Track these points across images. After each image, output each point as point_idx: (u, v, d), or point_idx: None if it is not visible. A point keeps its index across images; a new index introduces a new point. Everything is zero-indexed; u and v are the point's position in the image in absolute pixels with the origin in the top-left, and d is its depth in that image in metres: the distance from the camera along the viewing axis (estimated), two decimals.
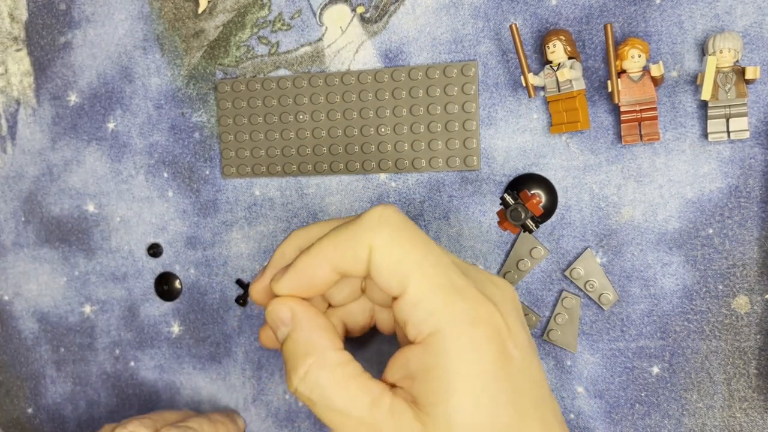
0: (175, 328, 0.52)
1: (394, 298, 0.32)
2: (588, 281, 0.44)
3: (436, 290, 0.31)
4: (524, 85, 0.42)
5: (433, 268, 0.32)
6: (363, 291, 0.38)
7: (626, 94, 0.41)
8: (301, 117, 0.48)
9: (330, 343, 0.33)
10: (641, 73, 0.41)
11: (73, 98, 0.53)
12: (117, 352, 0.54)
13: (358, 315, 0.39)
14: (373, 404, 0.31)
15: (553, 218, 0.44)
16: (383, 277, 0.32)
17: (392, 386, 0.33)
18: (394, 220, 0.32)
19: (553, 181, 0.44)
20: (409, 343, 0.32)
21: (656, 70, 0.40)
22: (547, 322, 0.45)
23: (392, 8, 0.46)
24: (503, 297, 0.34)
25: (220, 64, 0.50)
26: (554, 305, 0.45)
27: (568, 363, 0.45)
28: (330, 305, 0.38)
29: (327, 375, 0.32)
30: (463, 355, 0.30)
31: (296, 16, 0.48)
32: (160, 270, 0.52)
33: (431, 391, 0.30)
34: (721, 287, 0.42)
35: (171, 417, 0.46)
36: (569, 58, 0.42)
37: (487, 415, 0.30)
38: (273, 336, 0.37)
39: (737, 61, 0.40)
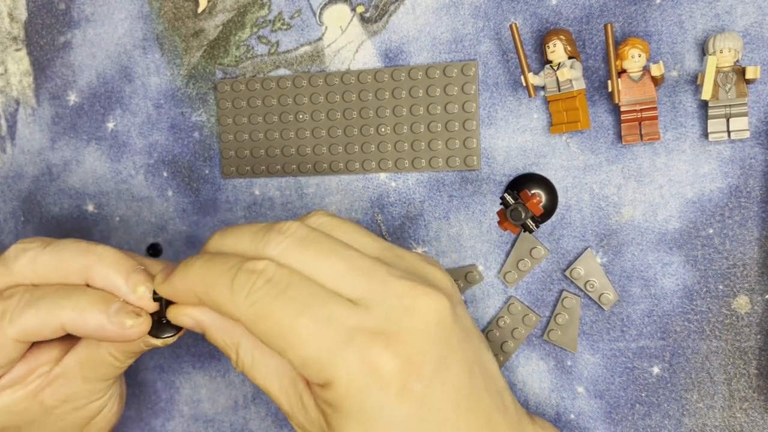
0: None
1: None
2: (588, 281, 0.44)
3: (317, 351, 0.30)
4: (524, 84, 0.42)
5: (311, 329, 0.31)
6: None
7: (626, 93, 0.41)
8: (300, 116, 0.48)
9: (242, 329, 0.35)
10: (641, 72, 0.41)
11: (72, 98, 0.53)
12: None
13: None
14: (290, 386, 0.34)
15: (554, 218, 0.44)
16: (264, 342, 0.32)
17: None
18: (264, 289, 0.31)
19: (553, 181, 0.44)
20: None
21: (656, 70, 0.40)
22: (548, 322, 0.45)
23: (392, 8, 0.46)
24: (414, 319, 0.32)
25: (219, 64, 0.50)
26: (554, 305, 0.45)
27: (569, 363, 0.45)
28: None
29: (248, 361, 0.35)
30: (356, 400, 0.30)
31: (296, 15, 0.48)
32: None
33: (332, 413, 0.32)
34: (721, 287, 0.42)
35: (68, 263, 0.38)
36: (569, 57, 0.41)
37: None
38: None
39: (737, 60, 0.40)
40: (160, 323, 0.38)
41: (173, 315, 0.36)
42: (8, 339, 0.37)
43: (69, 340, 0.41)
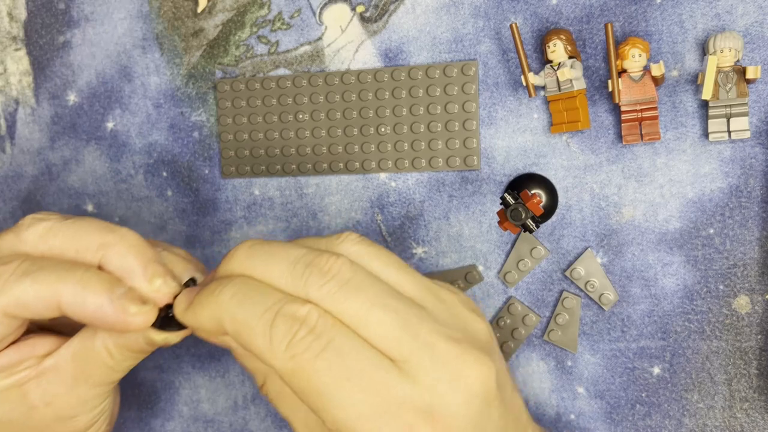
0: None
1: None
2: (588, 281, 0.44)
3: (354, 422, 0.29)
4: (524, 84, 0.42)
5: (352, 396, 0.29)
6: None
7: (627, 93, 0.41)
8: (300, 116, 0.48)
9: None
10: (642, 72, 0.41)
11: (72, 98, 0.53)
12: None
13: None
14: (316, 427, 0.33)
15: (554, 218, 0.44)
16: (296, 394, 0.30)
17: None
18: (306, 342, 0.29)
19: (553, 181, 0.44)
20: None
21: (657, 70, 0.40)
22: (548, 322, 0.45)
23: (392, 7, 0.46)
24: (459, 393, 0.30)
25: (219, 64, 0.50)
26: (555, 305, 0.45)
27: (569, 363, 0.45)
28: None
29: (274, 390, 0.34)
30: None
31: (296, 15, 0.48)
32: None
33: None
34: (721, 287, 0.42)
35: (85, 238, 0.35)
36: (570, 57, 0.41)
37: None
38: None
39: (738, 60, 0.40)
40: (166, 318, 0.35)
41: (200, 334, 0.34)
42: None
43: (66, 337, 0.38)
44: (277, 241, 0.34)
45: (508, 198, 0.42)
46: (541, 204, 0.43)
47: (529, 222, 0.42)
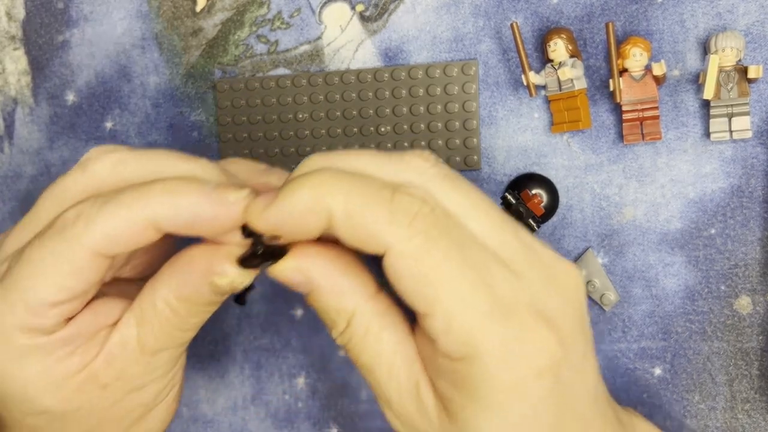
0: None
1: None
2: (589, 282, 0.43)
3: (471, 316, 0.26)
4: (525, 84, 0.42)
5: (472, 287, 0.26)
6: None
7: (628, 93, 0.41)
8: (300, 116, 0.48)
9: (362, 291, 0.29)
10: (643, 72, 0.41)
11: (71, 97, 0.53)
12: None
13: None
14: (403, 367, 0.28)
15: (555, 218, 0.44)
16: (401, 288, 0.27)
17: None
18: (429, 221, 0.26)
19: (554, 181, 0.44)
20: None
21: (658, 69, 0.40)
22: None
23: (392, 6, 0.46)
24: (565, 300, 0.28)
25: (218, 63, 0.50)
26: None
27: None
28: None
29: (360, 332, 0.28)
30: (503, 380, 0.26)
31: (295, 14, 0.48)
32: None
33: (461, 399, 0.27)
34: (723, 288, 0.42)
35: (164, 168, 0.31)
36: (570, 56, 0.41)
37: None
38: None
39: (739, 60, 0.40)
40: (252, 255, 0.30)
41: (279, 275, 0.29)
42: (85, 250, 0.29)
43: (129, 300, 0.33)
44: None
45: (509, 198, 0.42)
46: (542, 204, 0.43)
47: (530, 222, 0.41)
